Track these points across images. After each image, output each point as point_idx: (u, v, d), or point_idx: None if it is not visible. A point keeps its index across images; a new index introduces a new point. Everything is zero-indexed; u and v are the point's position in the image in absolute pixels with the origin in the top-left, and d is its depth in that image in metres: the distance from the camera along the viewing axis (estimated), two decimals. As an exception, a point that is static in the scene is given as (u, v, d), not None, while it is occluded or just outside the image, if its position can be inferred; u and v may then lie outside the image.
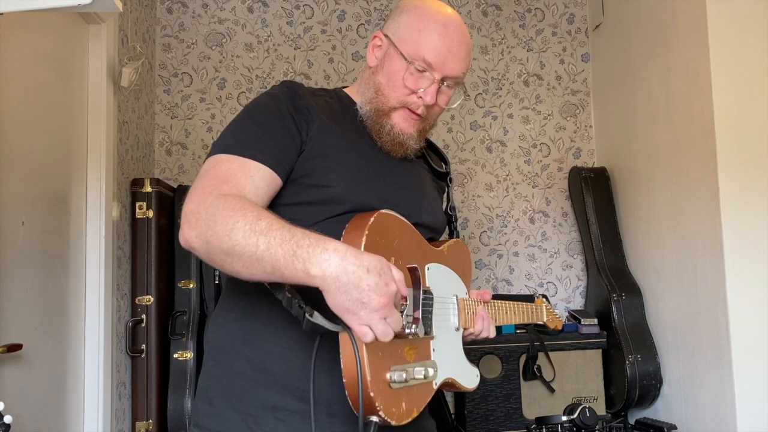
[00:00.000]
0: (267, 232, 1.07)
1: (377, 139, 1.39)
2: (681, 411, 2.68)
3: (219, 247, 1.10)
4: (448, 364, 1.32)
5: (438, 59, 1.35)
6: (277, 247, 1.06)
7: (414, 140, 1.41)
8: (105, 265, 2.41)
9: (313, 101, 1.35)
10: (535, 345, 2.84)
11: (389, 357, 1.13)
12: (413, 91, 1.36)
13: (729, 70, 2.40)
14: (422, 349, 1.24)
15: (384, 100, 1.37)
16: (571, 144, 3.48)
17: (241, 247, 1.08)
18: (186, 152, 3.25)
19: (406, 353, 1.18)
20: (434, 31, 1.36)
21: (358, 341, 1.06)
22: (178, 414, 2.61)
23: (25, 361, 1.96)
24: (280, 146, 1.26)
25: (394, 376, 1.12)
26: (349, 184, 1.29)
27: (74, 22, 2.38)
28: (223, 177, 1.21)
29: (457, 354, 1.38)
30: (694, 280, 2.55)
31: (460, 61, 1.37)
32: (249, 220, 1.09)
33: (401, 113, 1.38)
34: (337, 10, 3.41)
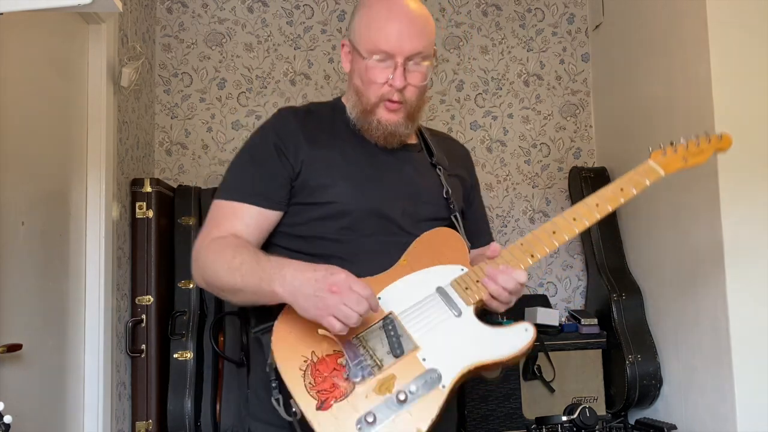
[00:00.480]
0: (240, 267, 1.30)
1: (370, 137, 1.48)
2: (681, 411, 2.68)
3: (215, 286, 1.38)
4: (460, 353, 1.30)
5: (391, 44, 1.41)
6: (249, 278, 1.29)
7: (403, 126, 1.47)
8: (105, 265, 2.41)
9: (303, 127, 1.47)
10: (535, 345, 2.84)
11: (349, 410, 1.22)
12: (384, 82, 1.43)
13: (729, 70, 2.40)
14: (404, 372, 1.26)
15: (365, 100, 1.46)
16: (571, 144, 3.48)
17: (228, 284, 1.33)
18: (186, 152, 3.25)
19: (377, 392, 1.24)
20: (380, 20, 1.42)
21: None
22: (178, 414, 2.61)
23: (25, 361, 1.96)
24: (269, 182, 1.44)
25: (360, 427, 1.21)
26: (349, 197, 1.42)
27: (74, 22, 2.38)
28: (216, 223, 1.44)
29: (471, 337, 1.32)
30: (694, 280, 2.54)
31: (414, 38, 1.41)
32: (227, 260, 1.33)
33: (382, 107, 1.45)
34: (337, 10, 3.41)
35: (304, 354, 1.29)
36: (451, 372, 1.27)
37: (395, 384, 1.25)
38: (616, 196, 1.52)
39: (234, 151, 3.39)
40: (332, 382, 1.26)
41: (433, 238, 1.46)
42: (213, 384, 2.70)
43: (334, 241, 1.42)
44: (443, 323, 1.33)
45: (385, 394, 1.24)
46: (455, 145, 1.73)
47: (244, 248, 1.35)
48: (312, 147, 1.44)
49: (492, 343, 1.33)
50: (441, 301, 1.36)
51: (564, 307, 3.33)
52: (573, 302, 3.36)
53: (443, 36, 3.46)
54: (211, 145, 3.27)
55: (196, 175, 3.24)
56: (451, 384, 1.27)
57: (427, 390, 1.25)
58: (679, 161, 1.60)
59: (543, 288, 3.36)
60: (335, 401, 1.24)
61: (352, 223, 1.42)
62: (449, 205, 1.53)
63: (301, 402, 1.25)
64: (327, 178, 1.43)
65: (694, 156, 1.62)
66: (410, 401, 1.24)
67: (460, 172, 1.64)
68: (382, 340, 1.30)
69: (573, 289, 3.37)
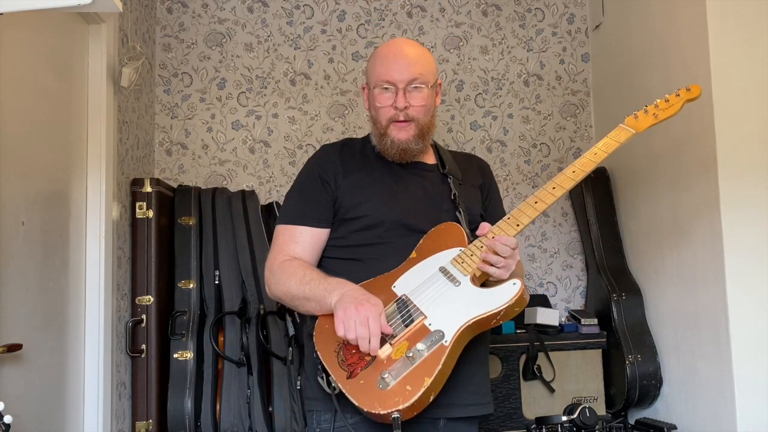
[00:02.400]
0: (310, 282, 1.67)
1: (388, 156, 1.81)
2: (681, 411, 2.68)
3: (287, 298, 1.74)
4: (460, 313, 1.57)
5: (389, 74, 1.75)
6: (316, 290, 1.66)
7: (413, 142, 1.78)
8: (105, 265, 2.41)
9: (340, 158, 1.83)
10: (535, 345, 2.85)
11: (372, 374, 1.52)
12: (390, 105, 1.76)
13: (729, 70, 2.40)
14: (414, 337, 1.56)
15: (379, 125, 1.80)
16: (571, 144, 3.48)
17: (298, 293, 1.70)
18: (186, 152, 3.25)
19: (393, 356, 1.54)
20: (380, 58, 1.79)
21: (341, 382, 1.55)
22: (178, 414, 2.61)
23: (25, 361, 1.96)
24: (318, 205, 1.79)
25: (380, 384, 1.50)
26: (378, 211, 1.75)
27: (74, 22, 2.38)
28: (280, 248, 1.79)
29: (468, 299, 1.59)
30: (694, 280, 2.55)
31: (409, 67, 1.75)
32: (299, 277, 1.70)
33: (392, 128, 1.77)
34: (337, 10, 3.41)
35: (337, 339, 1.58)
36: (452, 329, 1.55)
37: (408, 347, 1.54)
38: (591, 160, 1.73)
39: (234, 151, 3.42)
40: (359, 355, 1.56)
41: (437, 232, 1.74)
42: (213, 384, 2.70)
43: (370, 245, 1.75)
44: (445, 293, 1.61)
45: (399, 357, 1.53)
46: (474, 160, 2.02)
47: (313, 269, 1.73)
48: (347, 174, 1.80)
49: (486, 299, 1.59)
50: (443, 277, 1.65)
51: (564, 307, 3.33)
52: (573, 302, 3.36)
53: (443, 36, 3.46)
54: (211, 145, 3.27)
55: (196, 175, 3.24)
56: (453, 338, 1.54)
57: (432, 347, 1.53)
58: (650, 119, 1.78)
59: (543, 288, 3.36)
60: (362, 369, 1.54)
61: (383, 230, 1.74)
62: (455, 204, 1.81)
63: (335, 375, 1.56)
64: (360, 196, 1.77)
65: (665, 111, 1.79)
66: (418, 357, 1.52)
67: (477, 181, 1.92)
68: (396, 315, 1.61)
69: (573, 289, 3.38)
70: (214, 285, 2.79)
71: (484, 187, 1.94)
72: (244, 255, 2.81)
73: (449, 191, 1.83)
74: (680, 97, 1.80)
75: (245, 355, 2.69)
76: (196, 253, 2.82)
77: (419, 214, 1.76)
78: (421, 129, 1.78)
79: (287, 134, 3.32)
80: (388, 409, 1.46)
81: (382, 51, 1.81)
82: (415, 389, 1.48)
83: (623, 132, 1.76)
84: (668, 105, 1.79)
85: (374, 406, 1.47)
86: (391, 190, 1.79)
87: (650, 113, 1.78)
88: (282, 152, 3.30)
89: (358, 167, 1.82)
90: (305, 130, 3.33)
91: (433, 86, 1.82)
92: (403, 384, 1.49)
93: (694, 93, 1.80)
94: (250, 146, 3.29)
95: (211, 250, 2.82)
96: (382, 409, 1.46)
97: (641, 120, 1.77)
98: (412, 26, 3.44)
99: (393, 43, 1.84)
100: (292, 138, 3.32)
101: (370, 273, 1.71)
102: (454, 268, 1.65)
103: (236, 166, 3.27)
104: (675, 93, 1.80)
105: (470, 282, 1.62)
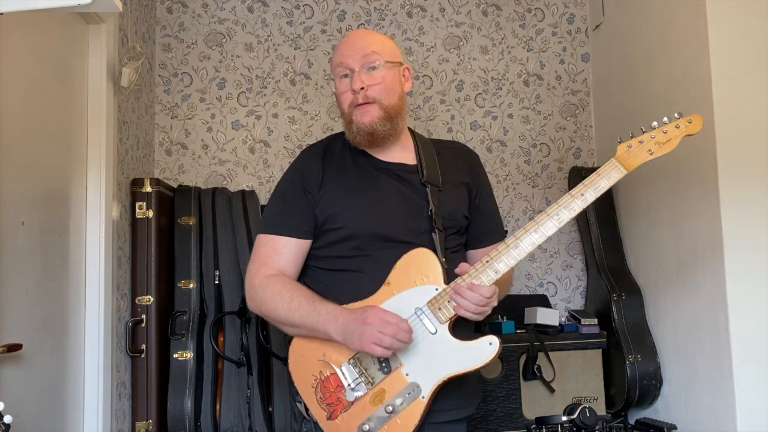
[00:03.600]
0: (298, 308, 1.64)
1: (358, 145, 1.76)
2: (681, 411, 2.68)
3: (272, 320, 1.74)
4: (436, 368, 1.58)
5: (343, 59, 1.74)
6: (306, 318, 1.64)
7: (378, 124, 1.71)
8: (105, 265, 2.41)
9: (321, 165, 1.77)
10: (535, 345, 2.84)
11: (352, 421, 1.58)
12: (348, 90, 1.72)
13: (729, 70, 2.40)
14: (392, 386, 1.59)
15: (344, 114, 1.76)
16: (571, 144, 3.48)
17: (285, 320, 1.69)
18: (186, 152, 3.25)
19: (371, 404, 1.59)
20: (339, 46, 1.78)
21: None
22: (178, 414, 2.61)
23: (25, 361, 1.96)
24: (301, 216, 1.74)
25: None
26: (355, 222, 1.70)
27: (74, 22, 2.38)
28: (263, 259, 1.75)
29: (445, 352, 1.59)
30: (694, 280, 2.55)
31: (361, 49, 1.72)
32: (285, 301, 1.66)
33: (355, 113, 1.72)
34: (337, 10, 3.41)
35: (314, 374, 1.64)
36: (428, 384, 1.57)
37: (386, 396, 1.58)
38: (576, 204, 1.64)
39: (234, 151, 3.41)
40: (337, 396, 1.60)
41: (410, 260, 1.67)
42: (213, 384, 2.70)
43: (349, 257, 1.71)
44: (422, 341, 1.60)
45: (378, 406, 1.58)
46: (460, 152, 1.91)
47: (298, 290, 1.69)
48: (326, 183, 1.75)
49: (462, 357, 1.59)
50: (419, 321, 1.61)
51: (564, 307, 3.33)
52: (573, 302, 3.36)
53: (443, 36, 3.46)
54: (211, 145, 3.27)
55: (196, 175, 3.24)
56: (430, 394, 1.57)
57: (410, 401, 1.57)
58: (643, 154, 1.65)
59: (543, 288, 3.36)
60: (341, 412, 1.59)
61: (360, 242, 1.70)
62: (432, 222, 1.73)
63: (314, 413, 1.62)
64: (337, 207, 1.72)
65: (662, 146, 1.65)
66: (397, 411, 1.57)
67: (464, 178, 1.84)
68: (373, 359, 1.61)
69: (573, 289, 3.38)
70: (214, 285, 2.79)
71: (473, 186, 1.85)
72: (244, 255, 2.81)
73: (427, 204, 1.74)
74: (680, 129, 1.65)
75: (245, 355, 2.69)
76: (196, 253, 2.81)
77: (397, 225, 1.71)
78: (386, 110, 1.71)
79: (287, 134, 3.32)
80: None
81: (342, 39, 1.82)
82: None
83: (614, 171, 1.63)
84: (666, 139, 1.65)
85: None
86: (368, 199, 1.73)
87: (645, 147, 1.64)
88: (282, 152, 3.30)
89: (336, 174, 1.77)
90: (305, 130, 3.33)
91: (394, 66, 1.76)
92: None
93: (696, 127, 1.65)
94: (250, 146, 3.29)
95: (211, 250, 2.82)
96: None
97: (634, 153, 1.64)
98: (412, 26, 3.44)
99: (350, 33, 1.86)
100: (292, 138, 3.32)
101: (352, 283, 1.69)
102: (431, 314, 1.61)
103: (236, 166, 3.27)
104: (674, 123, 1.65)
105: (447, 331, 1.60)
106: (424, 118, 3.40)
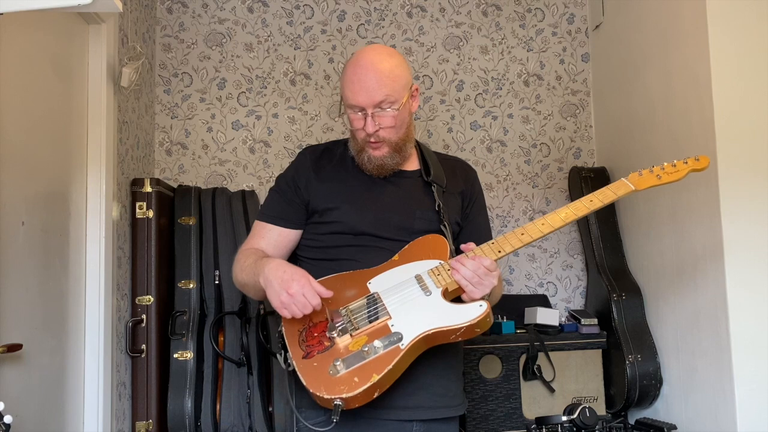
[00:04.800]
0: (249, 267, 1.77)
1: (365, 170, 1.83)
2: (681, 411, 2.68)
3: (240, 286, 1.88)
4: (423, 321, 1.62)
5: (359, 99, 1.74)
6: (252, 275, 1.74)
7: (389, 158, 1.81)
8: (105, 265, 2.41)
9: (316, 164, 1.88)
10: (535, 345, 2.84)
11: (326, 359, 1.60)
12: (361, 128, 1.77)
13: (729, 70, 2.40)
14: (374, 334, 1.62)
15: (355, 143, 1.83)
16: (571, 144, 3.48)
17: (243, 280, 1.82)
18: (186, 152, 3.25)
19: (350, 347, 1.61)
20: (347, 80, 1.77)
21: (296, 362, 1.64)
22: (178, 414, 2.61)
23: (25, 361, 1.96)
24: (288, 208, 1.87)
25: (331, 370, 1.57)
26: (347, 218, 1.79)
27: (74, 22, 2.38)
28: (249, 241, 1.90)
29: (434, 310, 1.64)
30: (694, 280, 2.55)
31: (376, 90, 1.73)
32: (241, 264, 1.83)
33: (368, 146, 1.80)
34: (337, 10, 3.41)
35: (304, 321, 1.68)
36: (411, 335, 1.60)
37: (366, 342, 1.61)
38: (585, 207, 1.76)
39: (234, 151, 3.42)
40: (319, 339, 1.64)
41: (423, 241, 1.78)
42: (213, 384, 2.70)
43: (341, 247, 1.80)
44: (414, 300, 1.67)
45: (356, 349, 1.60)
46: (459, 165, 2.01)
47: (254, 254, 1.80)
48: (321, 180, 1.85)
49: (450, 314, 1.63)
50: (416, 284, 1.69)
51: (564, 307, 3.33)
52: (573, 302, 3.36)
53: (443, 36, 3.46)
54: (211, 145, 3.27)
55: (196, 175, 3.24)
56: (409, 343, 1.59)
57: (389, 347, 1.59)
58: (653, 179, 1.80)
59: (543, 288, 3.36)
60: (318, 353, 1.62)
61: (351, 237, 1.79)
62: (440, 216, 1.82)
63: (292, 352, 1.65)
64: (331, 203, 1.81)
65: (669, 174, 1.81)
66: (373, 354, 1.58)
67: (459, 188, 1.93)
68: (363, 310, 1.67)
69: (573, 289, 3.38)
70: (214, 285, 2.79)
71: (466, 194, 1.94)
72: (244, 255, 2.81)
73: (433, 201, 1.84)
74: (687, 165, 1.81)
75: (245, 355, 2.69)
76: (196, 253, 2.81)
77: (389, 224, 1.79)
78: (394, 146, 1.80)
79: (287, 134, 3.32)
80: (331, 395, 1.53)
81: (349, 70, 1.77)
82: (362, 382, 1.54)
83: (623, 186, 1.77)
84: (674, 170, 1.80)
85: (320, 389, 1.55)
86: (362, 198, 1.82)
87: (654, 174, 1.80)
88: (282, 152, 3.30)
89: (333, 174, 1.86)
90: (305, 130, 3.33)
91: (406, 100, 1.78)
92: (352, 375, 1.56)
93: (702, 164, 1.82)
94: (250, 146, 3.29)
95: (211, 250, 2.82)
96: (327, 394, 1.54)
97: (645, 178, 1.79)
98: (412, 26, 3.45)
99: (359, 60, 1.77)
100: (292, 138, 3.32)
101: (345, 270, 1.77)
102: (429, 279, 1.69)
103: (236, 166, 3.27)
104: (683, 160, 1.82)
105: (441, 295, 1.66)
106: (424, 118, 3.40)
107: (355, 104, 1.75)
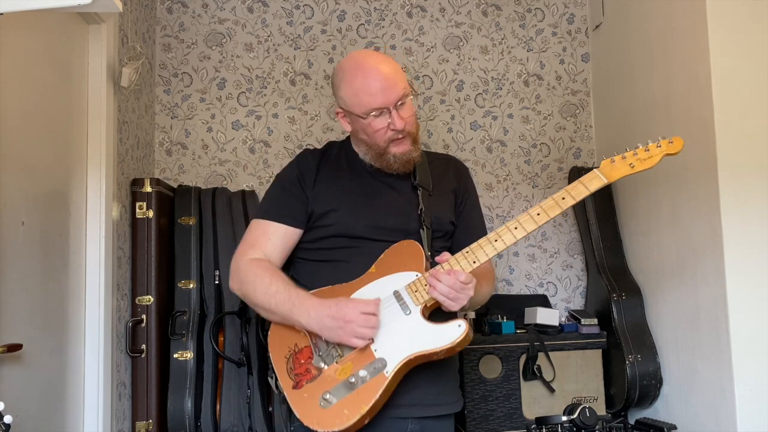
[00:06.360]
0: (275, 295, 1.72)
1: (390, 170, 1.83)
2: (681, 411, 2.68)
3: (250, 301, 1.81)
4: (404, 346, 1.64)
5: (379, 99, 1.74)
6: (281, 306, 1.71)
7: (413, 150, 1.82)
8: (105, 265, 2.41)
9: (318, 165, 1.87)
10: (535, 345, 2.84)
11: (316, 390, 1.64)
12: (386, 127, 1.76)
13: (729, 70, 2.40)
14: (359, 360, 1.65)
15: (376, 146, 1.81)
16: (571, 144, 3.48)
17: (262, 304, 1.77)
18: (186, 152, 3.25)
19: (337, 376, 1.65)
20: (364, 87, 1.75)
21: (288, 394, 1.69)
22: (178, 414, 2.61)
23: (25, 361, 1.96)
24: (293, 205, 1.83)
25: (322, 403, 1.63)
26: (346, 220, 1.80)
27: (74, 22, 2.38)
28: (252, 242, 1.83)
29: (415, 332, 1.66)
30: (694, 280, 2.55)
31: (393, 88, 1.75)
32: (264, 285, 1.74)
33: (392, 145, 1.79)
34: (337, 10, 3.41)
35: (289, 345, 1.72)
36: (394, 361, 1.63)
37: (352, 370, 1.64)
38: (557, 205, 1.75)
39: (234, 151, 3.42)
40: (306, 367, 1.68)
41: (398, 249, 1.78)
42: (213, 384, 2.70)
43: (337, 248, 1.81)
44: (395, 321, 1.68)
45: (342, 378, 1.64)
46: (452, 163, 2.03)
47: (278, 277, 1.76)
48: (320, 181, 1.85)
49: (430, 337, 1.65)
50: (395, 302, 1.70)
51: (564, 307, 3.33)
52: (573, 302, 3.36)
53: (443, 36, 3.46)
54: (211, 145, 3.27)
55: (196, 175, 3.24)
56: (394, 370, 1.63)
57: (373, 375, 1.63)
58: (625, 168, 1.76)
59: (543, 288, 3.36)
60: (307, 382, 1.66)
61: (349, 239, 1.80)
62: (420, 220, 1.83)
63: (282, 382, 1.69)
64: (329, 205, 1.82)
65: (642, 162, 1.76)
66: (359, 384, 1.62)
67: (451, 186, 1.95)
68: None
69: (573, 289, 3.38)
70: (214, 285, 2.79)
71: (459, 192, 1.96)
72: (244, 255, 2.81)
73: (417, 204, 1.85)
74: (661, 148, 1.76)
75: (245, 355, 2.69)
76: (196, 253, 2.81)
77: (386, 225, 1.81)
78: (414, 138, 1.83)
79: (287, 134, 3.32)
80: (325, 429, 1.61)
81: (358, 79, 1.77)
82: (352, 414, 1.60)
83: (596, 180, 1.74)
84: (647, 156, 1.75)
85: (313, 422, 1.62)
86: (360, 200, 1.84)
87: (627, 162, 1.75)
88: (282, 152, 3.30)
89: (331, 175, 1.87)
90: (305, 130, 3.33)
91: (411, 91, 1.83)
92: (342, 407, 1.62)
93: (676, 147, 1.77)
94: (250, 146, 3.29)
95: (211, 250, 2.82)
96: (320, 428, 1.62)
97: (617, 167, 1.75)
98: (412, 26, 3.44)
99: (363, 66, 1.78)
100: (292, 138, 3.32)
101: (338, 274, 1.78)
102: (408, 296, 1.70)
103: (236, 166, 3.27)
104: (656, 143, 1.76)
105: (420, 313, 1.68)
106: (424, 118, 3.40)
107: (377, 106, 1.75)
